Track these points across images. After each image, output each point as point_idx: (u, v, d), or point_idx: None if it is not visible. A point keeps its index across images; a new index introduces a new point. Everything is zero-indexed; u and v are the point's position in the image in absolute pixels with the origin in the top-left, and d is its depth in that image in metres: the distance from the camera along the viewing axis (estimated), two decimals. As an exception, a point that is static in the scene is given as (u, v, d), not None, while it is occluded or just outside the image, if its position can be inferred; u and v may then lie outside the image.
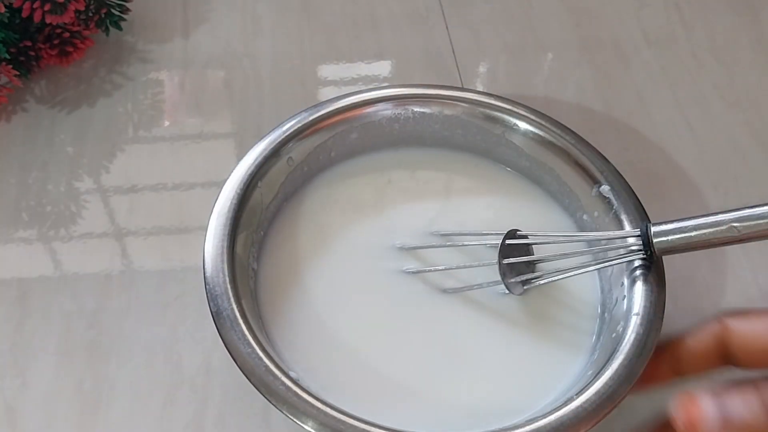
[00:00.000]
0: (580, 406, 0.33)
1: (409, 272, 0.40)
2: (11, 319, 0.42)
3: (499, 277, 0.38)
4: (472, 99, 0.44)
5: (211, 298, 0.35)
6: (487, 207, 0.44)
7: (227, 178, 0.40)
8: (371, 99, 0.44)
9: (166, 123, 0.51)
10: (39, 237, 0.45)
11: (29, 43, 0.50)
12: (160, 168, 0.48)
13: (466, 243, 0.41)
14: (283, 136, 0.41)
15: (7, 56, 0.48)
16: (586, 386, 0.34)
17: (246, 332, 0.34)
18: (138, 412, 0.39)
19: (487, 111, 0.44)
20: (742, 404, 0.25)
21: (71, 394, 0.39)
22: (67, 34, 0.50)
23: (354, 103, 0.44)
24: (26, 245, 0.45)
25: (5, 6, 0.48)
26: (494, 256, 0.37)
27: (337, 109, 0.43)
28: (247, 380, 0.33)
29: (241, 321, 0.34)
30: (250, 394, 0.38)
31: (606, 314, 0.39)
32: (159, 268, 0.44)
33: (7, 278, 0.43)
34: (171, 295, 0.43)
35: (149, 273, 0.44)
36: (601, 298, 0.40)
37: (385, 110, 0.44)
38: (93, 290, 0.43)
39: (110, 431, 0.39)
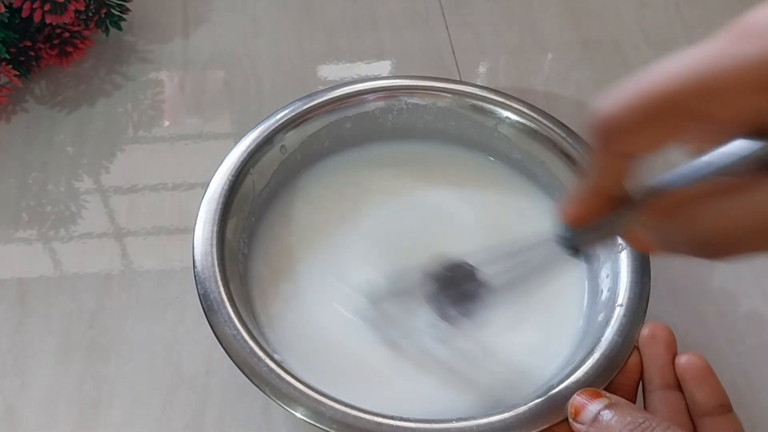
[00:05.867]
0: (560, 393, 0.33)
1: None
2: (11, 319, 0.42)
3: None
4: (464, 91, 0.44)
5: (199, 281, 0.36)
6: (479, 201, 0.44)
7: (220, 164, 0.40)
8: (364, 89, 0.44)
9: (166, 123, 0.51)
10: (39, 237, 0.45)
11: (29, 43, 0.50)
12: (160, 168, 0.48)
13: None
14: (276, 125, 0.42)
15: (7, 56, 0.48)
16: (567, 375, 0.34)
17: (232, 315, 0.35)
18: (138, 412, 0.39)
19: (479, 103, 0.44)
20: (612, 416, 0.30)
21: (71, 394, 0.39)
22: (67, 34, 0.50)
23: (347, 93, 0.44)
24: (26, 245, 0.45)
25: (5, 6, 0.48)
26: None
27: (330, 99, 0.43)
28: (246, 378, 0.33)
29: (227, 304, 0.35)
30: (250, 394, 0.38)
31: (593, 305, 0.39)
32: (159, 268, 0.44)
33: (7, 278, 0.43)
34: (171, 295, 0.43)
35: (149, 273, 0.44)
36: (588, 288, 0.40)
37: (379, 101, 0.44)
38: (93, 290, 0.43)
39: (110, 431, 0.39)
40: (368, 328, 0.38)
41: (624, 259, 0.38)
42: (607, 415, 0.30)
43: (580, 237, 0.30)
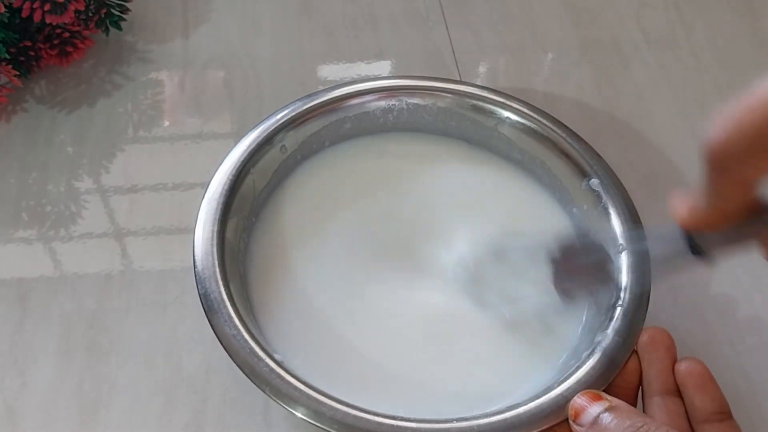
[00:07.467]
0: (560, 394, 0.33)
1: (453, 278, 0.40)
2: (11, 319, 0.42)
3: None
4: (464, 91, 0.44)
5: (200, 280, 0.36)
6: (481, 197, 0.44)
7: (220, 164, 0.40)
8: (364, 89, 0.44)
9: (166, 123, 0.51)
10: (39, 237, 0.45)
11: (29, 43, 0.50)
12: (160, 168, 0.48)
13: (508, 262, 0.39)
14: (276, 125, 0.42)
15: (7, 56, 0.48)
16: (567, 375, 0.34)
17: (232, 314, 0.35)
18: (138, 412, 0.39)
19: (479, 103, 0.44)
20: (612, 419, 0.30)
21: (71, 394, 0.40)
22: (67, 34, 0.50)
23: (347, 93, 0.44)
24: (26, 245, 0.45)
25: (5, 6, 0.48)
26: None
27: (330, 99, 0.43)
28: (246, 378, 0.33)
29: (228, 303, 0.35)
30: (250, 393, 0.38)
31: (593, 304, 0.39)
32: (159, 268, 0.44)
33: (7, 278, 0.43)
34: (171, 295, 0.43)
35: (149, 273, 0.44)
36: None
37: (379, 101, 0.44)
38: (93, 290, 0.43)
39: (110, 431, 0.39)
40: (370, 328, 0.38)
41: (624, 259, 0.38)
42: (606, 417, 0.30)
43: (707, 241, 0.30)
